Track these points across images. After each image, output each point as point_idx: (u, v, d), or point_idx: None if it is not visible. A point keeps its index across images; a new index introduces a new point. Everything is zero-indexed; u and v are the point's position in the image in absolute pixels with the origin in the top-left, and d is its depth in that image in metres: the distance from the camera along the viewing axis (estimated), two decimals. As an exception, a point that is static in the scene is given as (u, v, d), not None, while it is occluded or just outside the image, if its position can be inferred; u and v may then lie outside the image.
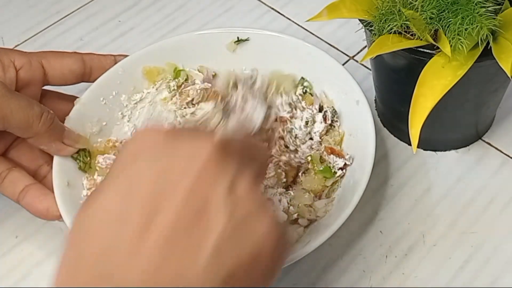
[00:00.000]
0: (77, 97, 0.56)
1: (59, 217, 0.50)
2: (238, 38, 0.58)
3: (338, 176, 0.52)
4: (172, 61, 0.59)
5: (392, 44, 0.47)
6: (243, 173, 0.33)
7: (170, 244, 0.30)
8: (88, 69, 0.56)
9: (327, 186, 0.52)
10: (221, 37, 0.59)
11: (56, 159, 0.52)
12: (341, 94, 0.55)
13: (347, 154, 0.53)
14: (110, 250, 0.30)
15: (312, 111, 0.55)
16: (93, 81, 0.56)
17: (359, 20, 0.50)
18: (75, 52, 0.57)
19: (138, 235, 0.30)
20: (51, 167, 0.52)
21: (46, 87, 0.56)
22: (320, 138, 0.55)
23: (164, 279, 0.30)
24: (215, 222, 0.31)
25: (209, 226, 0.31)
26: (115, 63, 0.57)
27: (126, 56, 0.58)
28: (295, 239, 0.49)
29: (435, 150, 0.58)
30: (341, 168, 0.52)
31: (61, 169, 0.51)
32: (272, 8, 0.73)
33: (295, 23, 0.71)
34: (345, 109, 0.55)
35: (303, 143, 0.54)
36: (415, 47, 0.47)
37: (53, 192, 0.50)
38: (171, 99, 0.58)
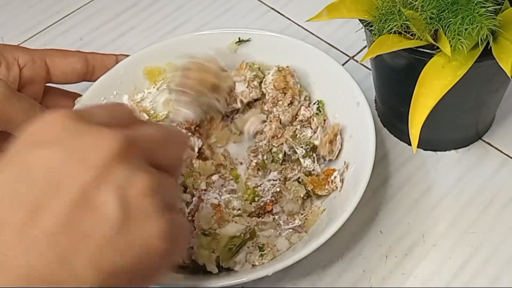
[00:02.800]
0: (80, 95, 0.56)
1: None
2: (239, 38, 0.58)
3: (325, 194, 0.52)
4: (173, 61, 0.59)
5: (392, 44, 0.47)
6: (146, 174, 0.33)
7: (58, 231, 0.30)
8: (91, 68, 0.56)
9: (304, 199, 0.52)
10: (222, 37, 0.59)
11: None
12: (341, 95, 0.55)
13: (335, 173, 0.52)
14: None
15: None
16: (94, 81, 0.56)
17: (359, 20, 0.50)
18: (78, 51, 0.57)
19: (27, 220, 0.30)
20: None
21: (48, 84, 0.56)
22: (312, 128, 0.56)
23: (47, 264, 0.30)
24: (107, 215, 0.31)
25: (101, 218, 0.31)
26: (117, 62, 0.57)
27: (127, 56, 0.58)
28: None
29: (435, 150, 0.58)
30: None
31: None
32: (272, 8, 0.73)
33: (295, 23, 0.71)
34: (345, 110, 0.55)
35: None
36: (415, 47, 0.47)
37: None
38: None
